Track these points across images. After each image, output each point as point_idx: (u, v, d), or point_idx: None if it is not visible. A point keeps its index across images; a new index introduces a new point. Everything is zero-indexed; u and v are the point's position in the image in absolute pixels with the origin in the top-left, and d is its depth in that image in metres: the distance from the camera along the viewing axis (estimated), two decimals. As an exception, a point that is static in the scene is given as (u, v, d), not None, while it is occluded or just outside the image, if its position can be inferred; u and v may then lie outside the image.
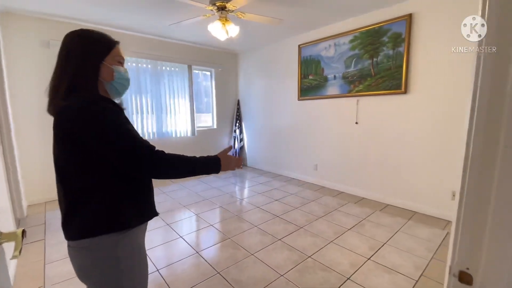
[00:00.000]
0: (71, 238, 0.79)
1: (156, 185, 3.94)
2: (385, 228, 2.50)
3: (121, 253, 0.82)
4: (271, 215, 2.81)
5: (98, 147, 0.76)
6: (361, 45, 3.12)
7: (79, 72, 0.79)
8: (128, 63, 3.82)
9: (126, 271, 0.83)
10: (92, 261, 0.80)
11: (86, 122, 0.74)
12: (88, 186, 0.78)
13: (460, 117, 2.49)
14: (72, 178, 0.78)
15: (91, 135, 0.75)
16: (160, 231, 2.48)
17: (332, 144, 3.66)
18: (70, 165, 0.78)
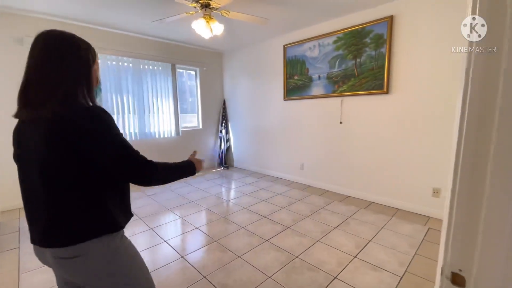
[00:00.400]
0: (62, 245, 0.74)
1: (140, 188, 3.82)
2: (369, 225, 2.54)
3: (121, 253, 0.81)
4: (258, 216, 2.79)
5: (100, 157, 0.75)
6: (345, 45, 3.17)
7: (80, 79, 0.78)
8: (108, 62, 3.66)
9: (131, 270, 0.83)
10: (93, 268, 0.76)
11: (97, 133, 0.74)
12: (80, 192, 0.75)
13: (440, 117, 2.57)
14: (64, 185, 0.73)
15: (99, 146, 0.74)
16: (144, 236, 2.38)
17: (317, 144, 3.69)
18: (64, 173, 0.73)
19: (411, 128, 2.78)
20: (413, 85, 2.71)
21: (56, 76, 0.73)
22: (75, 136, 0.71)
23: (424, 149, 2.71)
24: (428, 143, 2.67)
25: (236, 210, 2.96)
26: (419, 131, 2.72)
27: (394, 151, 2.93)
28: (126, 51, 3.79)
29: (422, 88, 2.65)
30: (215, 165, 5.28)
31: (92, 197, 0.76)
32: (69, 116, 0.72)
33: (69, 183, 0.74)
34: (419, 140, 2.73)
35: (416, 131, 2.74)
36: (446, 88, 2.50)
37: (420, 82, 2.66)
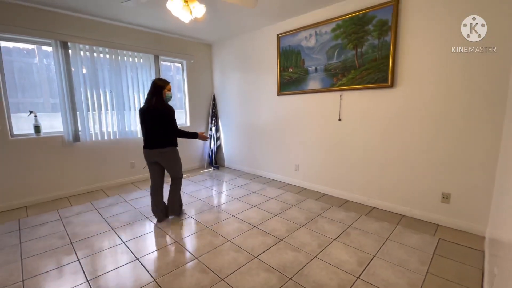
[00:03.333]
0: (161, 147, 2.43)
1: (118, 192, 3.50)
2: (373, 236, 2.27)
3: (177, 153, 2.55)
4: (248, 225, 2.50)
5: (168, 123, 2.41)
6: (344, 34, 2.87)
7: (158, 94, 2.42)
8: (81, 52, 3.30)
9: (179, 159, 2.58)
10: (170, 155, 2.48)
11: (166, 114, 2.39)
12: (163, 132, 2.41)
13: (451, 114, 2.29)
14: (158, 130, 2.40)
15: (168, 119, 2.40)
16: (113, 252, 2.07)
17: (314, 143, 3.41)
18: (158, 126, 2.39)
19: (418, 126, 2.50)
20: (422, 78, 2.42)
21: (151, 93, 2.41)
22: (161, 114, 2.37)
23: (433, 150, 2.44)
24: (437, 142, 2.40)
25: (224, 218, 2.67)
26: (427, 129, 2.44)
27: (399, 152, 2.65)
28: (102, 40, 3.43)
29: (431, 82, 2.37)
30: (205, 166, 4.97)
31: (167, 134, 2.42)
32: (157, 107, 2.37)
33: (160, 129, 2.39)
34: (428, 139, 2.46)
35: (423, 129, 2.47)
36: (460, 81, 2.22)
37: (430, 74, 2.37)
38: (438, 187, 2.45)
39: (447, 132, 2.34)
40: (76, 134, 3.33)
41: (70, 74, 3.23)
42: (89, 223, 2.58)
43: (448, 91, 2.29)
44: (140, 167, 3.99)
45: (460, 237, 2.23)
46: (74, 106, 3.29)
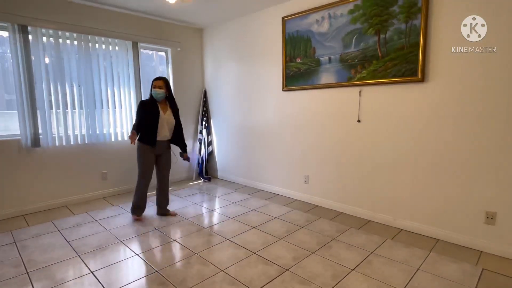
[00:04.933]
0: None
1: (86, 209, 3.50)
2: (400, 265, 2.25)
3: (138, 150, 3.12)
4: (246, 251, 2.48)
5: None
6: (364, 17, 2.90)
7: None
8: (43, 38, 3.33)
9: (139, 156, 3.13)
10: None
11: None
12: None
13: (496, 116, 2.29)
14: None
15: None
16: (79, 284, 2.05)
17: (327, 150, 3.41)
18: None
19: (456, 130, 2.50)
20: (461, 70, 2.43)
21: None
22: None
23: (474, 159, 2.43)
24: (479, 150, 2.40)
25: (216, 242, 2.66)
26: (467, 134, 2.44)
27: (433, 161, 2.65)
28: (69, 24, 3.47)
29: (472, 75, 2.38)
30: (193, 177, 4.97)
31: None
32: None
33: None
34: (467, 146, 2.45)
35: (463, 134, 2.47)
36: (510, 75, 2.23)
37: (472, 66, 2.38)
38: (481, 205, 2.44)
39: (492, 138, 2.33)
40: (35, 138, 3.34)
41: (30, 65, 3.25)
42: (49, 247, 2.57)
43: (493, 87, 2.29)
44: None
45: (508, 267, 2.21)
46: (34, 104, 3.31)
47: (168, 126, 3.14)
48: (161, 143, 3.13)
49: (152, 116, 3.01)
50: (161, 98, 3.07)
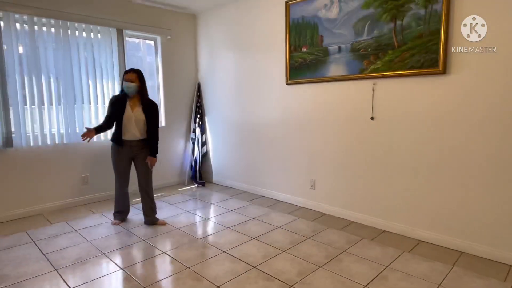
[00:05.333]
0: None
1: (64, 218, 3.51)
2: (420, 281, 2.25)
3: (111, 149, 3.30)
4: (245, 265, 2.48)
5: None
6: (378, 1, 2.90)
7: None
8: (17, 24, 3.35)
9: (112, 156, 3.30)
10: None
11: None
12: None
13: (526, 110, 2.30)
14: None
15: None
16: (57, 302, 2.06)
17: (337, 151, 3.43)
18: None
19: (483, 129, 2.50)
20: (488, 61, 2.43)
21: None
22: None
23: (503, 161, 2.43)
24: (509, 152, 2.40)
25: (211, 255, 2.66)
26: (495, 133, 2.44)
27: (457, 162, 2.65)
28: (46, 9, 3.47)
29: (504, 66, 2.37)
30: (186, 181, 4.98)
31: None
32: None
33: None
34: (495, 147, 2.45)
35: (490, 133, 2.47)
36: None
37: (501, 56, 2.38)
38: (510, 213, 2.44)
39: (522, 137, 2.34)
40: (7, 137, 3.36)
41: (2, 55, 3.27)
42: (23, 261, 2.58)
43: None
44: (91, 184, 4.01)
45: (541, 284, 2.21)
46: (6, 99, 3.33)
47: (137, 124, 3.14)
48: (130, 143, 3.17)
49: (118, 113, 3.08)
50: (132, 92, 3.11)
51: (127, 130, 3.13)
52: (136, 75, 3.11)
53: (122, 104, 3.11)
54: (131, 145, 3.19)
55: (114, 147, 3.22)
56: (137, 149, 3.22)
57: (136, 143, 3.21)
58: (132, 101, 3.16)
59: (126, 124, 3.11)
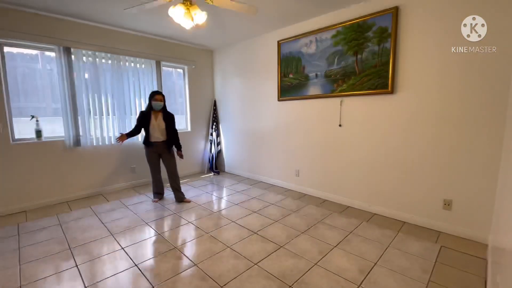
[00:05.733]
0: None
1: (118, 197, 3.49)
2: (374, 243, 2.24)
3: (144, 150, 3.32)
4: (248, 231, 2.48)
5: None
6: (345, 40, 2.89)
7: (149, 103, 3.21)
8: (84, 58, 3.33)
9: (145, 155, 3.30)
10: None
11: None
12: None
13: (452, 120, 2.29)
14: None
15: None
16: (112, 258, 2.05)
17: (314, 149, 3.40)
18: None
19: (418, 132, 2.50)
20: (422, 84, 2.43)
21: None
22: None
23: (433, 155, 2.43)
24: (438, 148, 2.39)
25: (224, 224, 2.65)
26: (428, 135, 2.44)
27: (400, 158, 2.64)
28: (104, 46, 3.46)
29: (431, 87, 2.38)
30: (205, 171, 4.96)
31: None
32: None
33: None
34: (428, 145, 2.45)
35: (424, 135, 2.46)
36: (460, 87, 2.22)
37: (430, 80, 2.38)
38: (440, 194, 2.43)
39: (448, 137, 2.33)
40: (77, 139, 3.34)
41: (72, 79, 3.25)
42: (88, 228, 2.57)
43: (449, 95, 2.29)
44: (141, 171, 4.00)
45: (462, 245, 2.21)
46: (76, 111, 3.31)
47: (159, 130, 3.16)
48: (156, 144, 3.17)
49: (146, 123, 3.13)
50: (159, 108, 3.15)
51: (153, 135, 3.14)
52: (162, 97, 3.18)
53: (148, 116, 3.13)
54: (157, 145, 3.17)
55: (145, 148, 3.22)
56: (162, 147, 3.21)
57: (160, 143, 3.19)
58: (154, 113, 3.17)
59: (152, 130, 3.13)
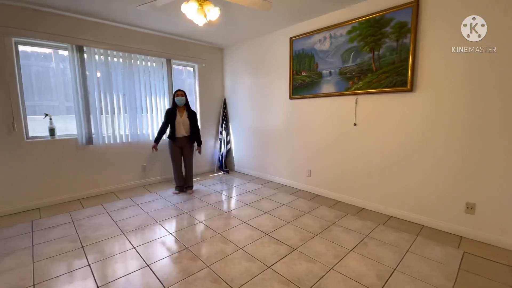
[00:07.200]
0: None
1: (129, 195, 3.49)
2: (392, 247, 2.15)
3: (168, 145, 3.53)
4: (260, 232, 2.42)
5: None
6: (361, 36, 2.78)
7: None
8: (96, 56, 3.34)
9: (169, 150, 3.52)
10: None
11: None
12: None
13: (476, 120, 2.17)
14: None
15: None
16: (124, 257, 2.03)
17: (327, 148, 3.31)
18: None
19: (439, 133, 2.38)
20: (444, 81, 2.31)
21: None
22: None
23: (456, 156, 2.31)
24: (461, 149, 2.27)
25: (235, 224, 2.60)
26: (450, 135, 2.32)
27: (419, 158, 2.53)
28: (116, 44, 3.46)
29: (454, 85, 2.26)
30: (215, 169, 4.93)
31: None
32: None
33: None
34: (450, 145, 2.33)
35: (446, 136, 2.35)
36: (486, 86, 2.10)
37: (453, 78, 2.26)
38: (462, 197, 2.31)
39: (472, 138, 2.21)
40: (89, 137, 3.36)
41: (85, 78, 3.26)
42: (100, 226, 2.57)
43: (473, 94, 2.17)
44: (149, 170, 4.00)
45: (487, 251, 2.09)
46: (88, 109, 3.32)
47: (184, 126, 3.40)
48: (180, 139, 3.42)
49: (172, 119, 3.37)
50: (181, 104, 3.38)
51: (178, 131, 3.39)
52: (183, 93, 3.42)
53: (174, 113, 3.39)
54: (181, 140, 3.42)
55: (170, 142, 3.44)
56: (184, 142, 3.46)
57: (184, 138, 3.44)
58: (179, 110, 3.41)
59: (177, 126, 3.38)
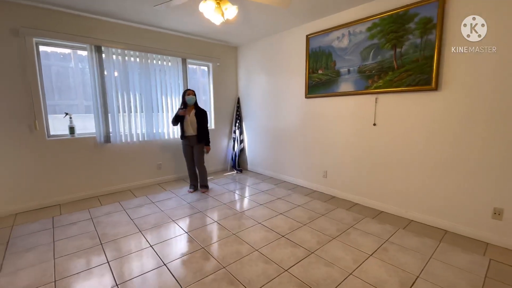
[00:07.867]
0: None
1: (145, 193, 3.54)
2: (414, 253, 2.06)
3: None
4: (275, 234, 2.39)
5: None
6: (382, 33, 2.68)
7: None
8: (114, 56, 3.39)
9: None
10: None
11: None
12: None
13: (503, 121, 2.04)
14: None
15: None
16: (141, 255, 2.05)
17: (345, 149, 3.23)
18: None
19: (465, 133, 2.26)
20: (472, 80, 2.19)
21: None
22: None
23: (483, 160, 2.19)
24: (488, 151, 2.15)
25: (249, 225, 2.58)
26: (477, 137, 2.20)
27: (443, 160, 2.42)
28: (132, 44, 3.51)
29: (484, 84, 2.13)
30: (228, 168, 4.94)
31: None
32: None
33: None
34: (477, 147, 2.21)
35: (473, 136, 2.22)
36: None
37: (482, 76, 2.13)
38: (490, 201, 2.19)
39: (501, 140, 2.08)
40: (107, 136, 3.42)
41: (103, 77, 3.32)
42: (117, 224, 2.62)
43: (504, 94, 2.04)
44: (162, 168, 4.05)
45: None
46: (106, 108, 3.39)
47: (191, 125, 3.43)
48: (190, 138, 3.47)
49: (181, 119, 3.43)
50: (192, 102, 3.41)
51: (186, 129, 3.44)
52: (194, 92, 3.46)
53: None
54: (190, 138, 3.47)
55: (182, 141, 3.55)
56: (194, 141, 3.48)
57: (192, 137, 3.47)
58: (188, 110, 3.44)
59: (185, 125, 3.43)
